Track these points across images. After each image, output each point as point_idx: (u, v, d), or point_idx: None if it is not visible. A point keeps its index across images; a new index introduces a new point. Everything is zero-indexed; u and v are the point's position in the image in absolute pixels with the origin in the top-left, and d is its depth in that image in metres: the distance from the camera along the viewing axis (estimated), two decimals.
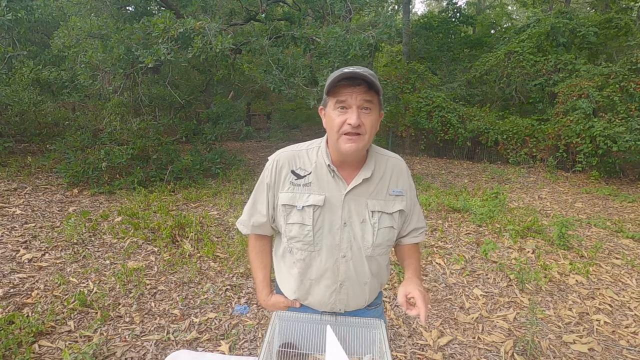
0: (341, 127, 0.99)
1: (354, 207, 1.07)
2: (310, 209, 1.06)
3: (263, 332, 2.46)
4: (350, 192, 1.07)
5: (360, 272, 1.11)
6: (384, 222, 1.08)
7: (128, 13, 6.93)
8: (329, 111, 1.03)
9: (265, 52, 5.77)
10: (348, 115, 0.98)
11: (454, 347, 2.43)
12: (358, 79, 0.95)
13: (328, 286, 1.11)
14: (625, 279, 3.43)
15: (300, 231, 1.08)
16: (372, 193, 1.09)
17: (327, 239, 1.08)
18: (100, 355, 2.17)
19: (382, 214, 1.08)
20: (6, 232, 3.65)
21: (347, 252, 1.08)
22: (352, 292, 1.12)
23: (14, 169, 5.60)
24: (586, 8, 17.55)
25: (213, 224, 4.31)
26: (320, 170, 1.09)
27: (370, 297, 1.18)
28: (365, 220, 1.08)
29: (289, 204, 1.08)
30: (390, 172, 1.12)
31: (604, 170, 7.92)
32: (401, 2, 14.63)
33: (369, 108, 0.99)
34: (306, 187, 1.08)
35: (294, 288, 1.17)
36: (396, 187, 1.12)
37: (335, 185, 1.07)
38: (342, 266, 1.09)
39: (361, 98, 0.97)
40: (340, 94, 0.98)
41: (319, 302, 1.15)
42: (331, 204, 1.07)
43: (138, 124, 6.25)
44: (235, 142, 10.78)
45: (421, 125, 9.97)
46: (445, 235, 4.30)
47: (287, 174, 1.10)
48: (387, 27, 5.65)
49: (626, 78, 7.87)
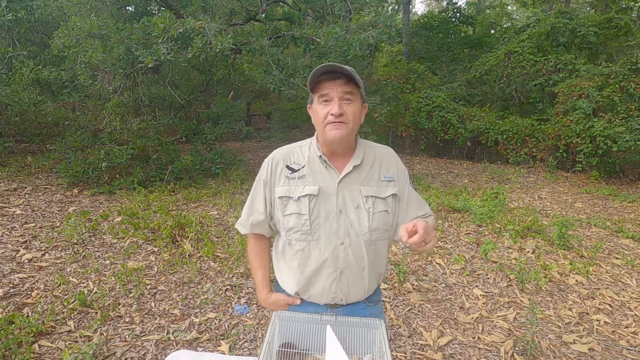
0: (325, 117, 1.06)
1: (347, 194, 1.12)
2: (306, 198, 1.11)
3: (263, 332, 2.46)
4: (343, 179, 1.12)
5: (359, 259, 1.14)
6: (378, 207, 1.13)
7: (128, 13, 6.93)
8: (315, 106, 1.10)
9: (265, 52, 5.77)
10: (330, 107, 1.05)
11: (454, 347, 2.43)
12: (337, 72, 1.03)
13: (329, 275, 1.14)
14: (625, 279, 3.43)
15: (297, 221, 1.12)
16: (364, 180, 1.14)
17: (324, 227, 1.11)
18: (100, 355, 2.17)
19: (375, 198, 1.13)
20: (6, 232, 3.65)
21: (345, 239, 1.11)
22: (352, 280, 1.15)
23: (14, 169, 5.60)
24: (586, 8, 17.56)
25: (213, 224, 4.31)
26: (313, 162, 1.15)
27: (370, 287, 1.20)
28: (359, 206, 1.12)
29: (286, 196, 1.13)
30: (380, 160, 1.18)
31: (604, 170, 7.92)
32: (401, 2, 14.64)
33: (350, 99, 1.06)
34: (301, 179, 1.13)
35: (295, 281, 1.18)
36: (387, 173, 1.17)
37: (328, 175, 1.13)
38: (342, 253, 1.12)
39: (341, 90, 1.04)
40: (322, 88, 1.05)
41: (320, 293, 1.16)
42: (326, 193, 1.12)
43: (138, 124, 6.25)
44: (235, 142, 10.78)
45: (421, 125, 9.97)
46: (445, 235, 4.30)
47: (282, 169, 1.16)
48: (387, 27, 5.65)
49: (626, 78, 7.87)
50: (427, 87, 10.59)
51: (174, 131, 7.93)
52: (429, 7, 26.81)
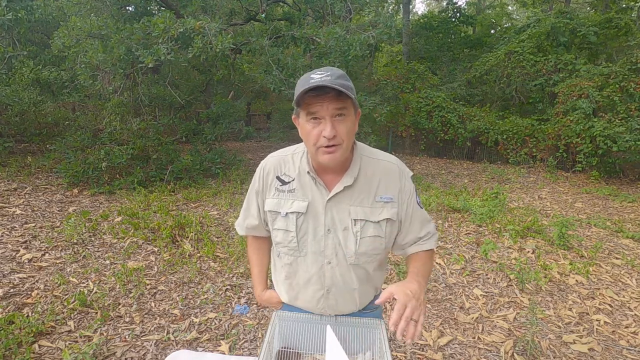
0: (317, 140, 0.95)
1: (336, 213, 1.04)
2: (294, 215, 1.05)
3: (263, 332, 2.46)
4: (332, 199, 1.04)
5: (347, 279, 1.08)
6: (368, 231, 1.04)
7: (128, 13, 6.93)
8: (302, 122, 0.98)
9: (265, 52, 5.78)
10: (322, 127, 0.93)
11: (454, 347, 2.43)
12: (325, 87, 0.89)
13: (315, 292, 1.10)
14: (625, 279, 3.43)
15: (284, 237, 1.08)
16: (356, 200, 1.04)
17: (311, 246, 1.07)
18: (100, 355, 2.17)
19: (365, 222, 1.03)
20: (6, 232, 3.65)
21: (332, 259, 1.06)
22: (340, 298, 1.10)
23: (14, 169, 5.60)
24: (586, 8, 17.55)
25: (213, 224, 4.31)
26: (303, 176, 1.07)
27: (362, 302, 1.15)
28: (347, 228, 1.04)
29: (274, 210, 1.09)
30: (379, 176, 1.06)
31: (604, 170, 7.92)
32: (401, 2, 14.63)
33: (342, 114, 0.94)
34: (290, 193, 1.07)
35: (284, 291, 1.19)
36: (385, 193, 1.05)
37: (317, 191, 1.05)
38: (328, 272, 1.07)
39: (332, 107, 0.92)
40: (311, 105, 0.93)
41: (309, 307, 1.15)
42: (315, 210, 1.05)
43: (138, 124, 6.24)
44: (235, 142, 10.77)
45: (421, 125, 9.97)
46: (445, 235, 4.30)
47: (272, 179, 1.10)
48: (387, 27, 5.66)
49: (626, 78, 7.87)
50: (427, 87, 10.59)
51: (174, 131, 7.92)
52: (429, 7, 26.81)
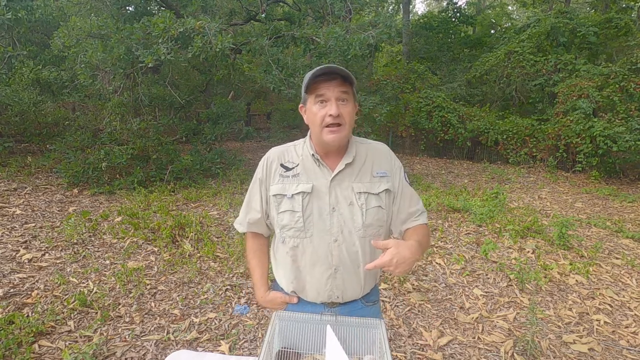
0: (323, 119, 1.08)
1: (340, 191, 1.14)
2: (299, 196, 1.13)
3: (263, 332, 2.46)
4: (335, 177, 1.14)
5: (353, 256, 1.14)
6: (371, 203, 1.14)
7: (128, 13, 6.94)
8: (310, 106, 1.12)
9: (265, 52, 5.78)
10: (327, 108, 1.07)
11: (454, 347, 2.43)
12: (333, 73, 1.06)
13: (322, 272, 1.15)
14: (625, 279, 3.43)
15: (291, 218, 1.14)
16: (357, 176, 1.16)
17: (317, 225, 1.13)
18: (100, 355, 2.17)
19: (368, 194, 1.14)
20: (6, 232, 3.65)
21: (338, 236, 1.13)
22: (347, 277, 1.16)
23: (14, 169, 5.60)
24: (586, 8, 17.54)
25: (213, 224, 4.31)
26: (306, 161, 1.18)
27: (366, 285, 1.20)
28: (352, 203, 1.13)
29: (280, 194, 1.16)
30: (372, 156, 1.20)
31: (604, 170, 7.92)
32: (401, 2, 14.64)
33: (345, 99, 1.09)
34: (295, 177, 1.16)
35: (291, 279, 1.20)
36: (380, 169, 1.18)
37: (321, 173, 1.15)
38: (335, 251, 1.13)
39: (338, 90, 1.07)
40: (319, 89, 1.08)
41: (316, 290, 1.17)
42: (319, 190, 1.14)
43: (138, 124, 6.24)
44: (235, 142, 10.76)
45: (421, 125, 9.96)
46: (445, 235, 4.30)
47: (276, 167, 1.19)
48: (387, 27, 5.66)
49: (626, 78, 7.87)
50: (427, 87, 10.59)
51: (174, 131, 7.92)
52: (429, 7, 26.81)
